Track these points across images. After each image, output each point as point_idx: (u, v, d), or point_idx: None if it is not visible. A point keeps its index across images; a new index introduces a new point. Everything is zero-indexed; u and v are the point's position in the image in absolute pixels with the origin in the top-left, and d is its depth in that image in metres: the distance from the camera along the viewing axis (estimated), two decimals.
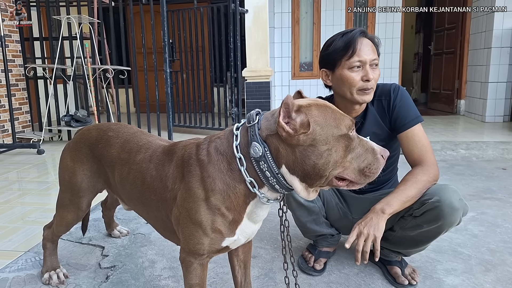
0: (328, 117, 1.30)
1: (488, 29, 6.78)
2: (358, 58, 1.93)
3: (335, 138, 1.29)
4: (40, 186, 3.96)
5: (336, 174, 1.32)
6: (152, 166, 1.65)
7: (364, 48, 1.94)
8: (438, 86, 8.63)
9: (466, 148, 5.15)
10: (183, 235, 1.51)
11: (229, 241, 1.49)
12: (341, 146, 1.30)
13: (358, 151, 1.34)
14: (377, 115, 2.09)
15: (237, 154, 1.37)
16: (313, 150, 1.27)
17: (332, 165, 1.29)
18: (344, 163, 1.31)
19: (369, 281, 2.15)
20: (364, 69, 1.94)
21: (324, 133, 1.28)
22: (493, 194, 3.56)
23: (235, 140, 1.39)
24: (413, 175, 1.91)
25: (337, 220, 2.30)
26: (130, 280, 2.19)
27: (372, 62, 1.95)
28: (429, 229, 1.89)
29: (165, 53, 5.85)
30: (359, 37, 1.95)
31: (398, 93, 2.05)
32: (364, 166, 1.33)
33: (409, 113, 2.01)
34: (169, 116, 6.02)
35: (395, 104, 2.03)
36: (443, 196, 1.80)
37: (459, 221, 1.85)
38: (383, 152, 1.36)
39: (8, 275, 2.25)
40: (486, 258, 2.39)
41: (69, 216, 2.09)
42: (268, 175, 1.33)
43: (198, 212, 1.43)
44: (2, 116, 6.10)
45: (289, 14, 7.99)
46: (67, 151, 2.07)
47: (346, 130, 1.31)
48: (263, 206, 1.47)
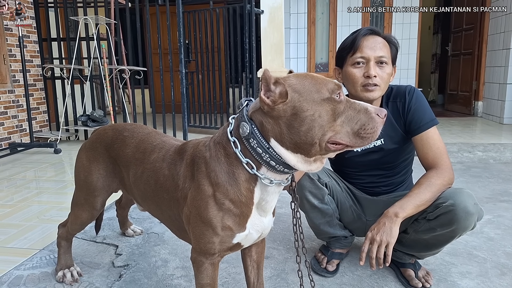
0: (307, 83, 1.29)
1: (507, 30, 6.69)
2: (360, 54, 1.95)
3: (317, 103, 1.26)
4: (57, 185, 4.01)
5: (328, 139, 1.28)
6: (164, 166, 1.66)
7: (369, 45, 1.95)
8: (455, 88, 8.54)
9: (483, 150, 5.08)
10: (194, 234, 1.51)
11: (240, 237, 1.48)
12: (325, 110, 1.27)
13: (349, 113, 1.29)
14: (392, 117, 2.07)
15: (230, 138, 1.39)
16: (296, 118, 1.26)
17: (318, 130, 1.26)
18: (334, 127, 1.28)
19: (382, 284, 2.13)
20: (367, 66, 1.95)
21: (304, 99, 1.26)
22: (510, 197, 3.51)
23: (229, 126, 1.42)
24: (427, 178, 1.89)
25: (350, 222, 2.29)
26: (143, 279, 2.20)
27: (378, 59, 1.95)
28: (443, 233, 1.86)
29: (181, 53, 5.87)
30: (365, 35, 1.97)
31: (413, 95, 2.03)
32: (358, 127, 1.28)
33: (424, 116, 1.99)
34: (184, 116, 6.04)
35: (410, 106, 2.02)
36: (457, 200, 1.77)
37: (473, 226, 1.82)
38: (378, 111, 1.30)
39: (23, 273, 2.28)
40: (502, 261, 2.35)
41: (84, 215, 2.11)
42: (260, 151, 1.32)
43: (207, 210, 1.43)
44: (20, 116, 6.19)
45: (305, 15, 7.98)
46: (83, 150, 2.09)
47: (329, 93, 1.27)
48: (269, 190, 1.44)
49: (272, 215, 1.62)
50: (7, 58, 5.93)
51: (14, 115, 6.09)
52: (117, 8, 6.24)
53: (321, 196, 2.12)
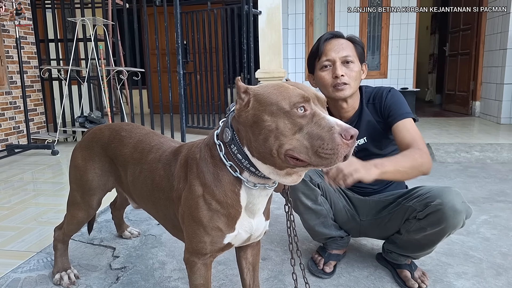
0: (271, 94, 1.28)
1: (504, 30, 6.70)
2: (325, 58, 2.05)
3: (275, 114, 1.25)
4: (54, 186, 4.00)
5: (285, 152, 1.25)
6: (160, 166, 1.70)
7: (332, 48, 2.04)
8: (453, 88, 8.55)
9: (480, 150, 5.09)
10: (187, 234, 1.54)
11: (230, 237, 1.50)
12: (282, 122, 1.24)
13: (311, 129, 1.23)
14: (371, 117, 2.14)
15: (216, 141, 1.43)
16: (256, 126, 1.28)
17: (274, 141, 1.25)
18: (292, 140, 1.23)
19: (379, 284, 2.14)
20: (334, 67, 2.03)
21: (263, 109, 1.27)
22: (507, 197, 3.52)
23: (217, 129, 1.46)
24: (410, 152, 1.87)
25: (345, 223, 2.30)
26: (140, 281, 2.20)
27: (344, 59, 2.02)
28: (433, 232, 1.89)
29: (178, 54, 5.87)
30: (327, 39, 2.08)
31: (390, 93, 2.11)
32: (317, 145, 1.20)
33: (400, 108, 2.05)
34: (182, 117, 6.04)
35: (386, 103, 2.09)
36: (445, 199, 1.81)
37: (462, 224, 1.85)
38: (344, 131, 1.19)
39: (20, 275, 2.28)
40: (498, 262, 2.36)
41: (80, 214, 2.12)
42: (240, 157, 1.37)
43: (197, 210, 1.46)
44: (17, 117, 6.18)
45: (303, 15, 7.99)
46: (78, 150, 2.10)
47: (289, 106, 1.24)
48: (254, 194, 1.46)
49: (267, 218, 1.63)
50: (4, 60, 5.93)
51: (11, 116, 6.09)
52: (114, 9, 6.22)
53: (314, 197, 2.13)
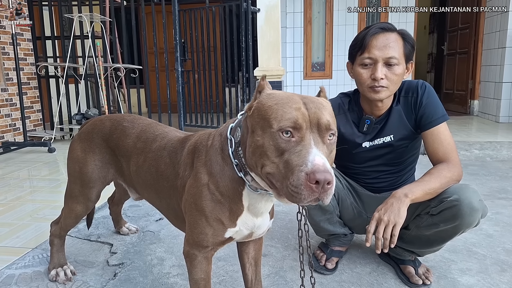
0: (268, 109, 1.20)
1: (502, 29, 6.68)
2: (367, 55, 1.90)
3: (265, 131, 1.18)
4: (51, 183, 3.96)
5: (265, 172, 1.19)
6: (166, 154, 1.67)
7: (378, 45, 1.88)
8: (451, 87, 8.53)
9: (480, 148, 5.07)
10: (188, 223, 1.50)
11: (231, 232, 1.46)
12: (267, 142, 1.16)
13: (289, 157, 1.12)
14: (402, 113, 2.03)
15: (228, 135, 1.38)
16: (251, 136, 1.23)
17: (259, 158, 1.19)
18: (272, 164, 1.16)
19: (382, 281, 2.10)
20: (374, 67, 1.89)
21: (258, 121, 1.21)
22: (508, 194, 3.49)
23: (232, 122, 1.40)
24: (438, 169, 1.86)
25: (351, 220, 2.25)
26: (138, 278, 2.16)
27: (387, 60, 1.88)
28: (445, 228, 1.83)
29: (176, 52, 5.83)
30: (374, 34, 1.90)
31: (426, 90, 1.99)
32: (288, 177, 1.10)
33: (436, 111, 1.95)
34: (180, 116, 6.00)
35: (422, 101, 1.97)
36: (462, 196, 1.74)
37: (477, 223, 1.79)
38: (312, 172, 1.06)
39: (14, 272, 2.23)
40: (502, 258, 2.33)
41: (79, 208, 2.07)
42: (244, 161, 1.32)
43: (200, 198, 1.42)
44: (13, 114, 6.14)
45: (301, 14, 7.95)
46: (77, 141, 2.05)
47: (276, 128, 1.15)
48: (257, 198, 1.41)
49: (271, 217, 1.60)
50: (0, 56, 5.88)
51: (8, 113, 6.04)
52: (112, 6, 6.18)
53: None
